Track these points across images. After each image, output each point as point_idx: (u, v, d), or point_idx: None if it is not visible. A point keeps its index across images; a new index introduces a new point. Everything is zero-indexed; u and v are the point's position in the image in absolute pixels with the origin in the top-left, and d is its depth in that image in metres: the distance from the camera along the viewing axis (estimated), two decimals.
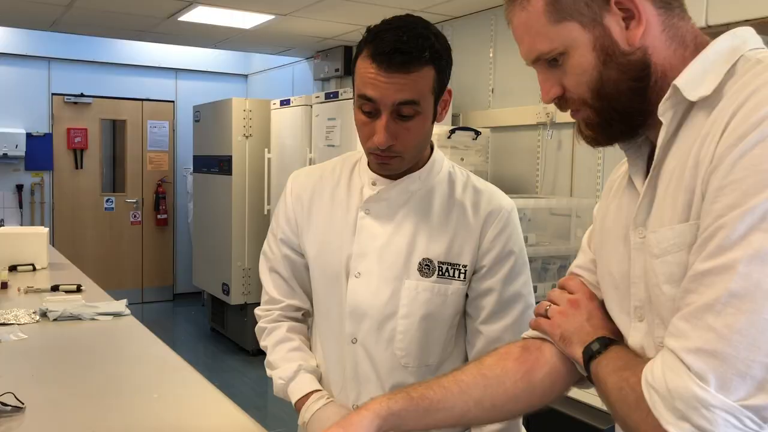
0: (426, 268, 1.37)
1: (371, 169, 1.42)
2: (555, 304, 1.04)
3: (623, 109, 0.88)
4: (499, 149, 4.03)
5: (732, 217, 0.72)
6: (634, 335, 0.92)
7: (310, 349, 1.50)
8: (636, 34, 0.85)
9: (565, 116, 3.91)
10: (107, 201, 7.15)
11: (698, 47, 0.87)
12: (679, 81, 0.83)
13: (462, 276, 1.38)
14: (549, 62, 0.90)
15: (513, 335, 1.38)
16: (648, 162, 0.92)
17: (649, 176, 0.89)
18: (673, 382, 0.74)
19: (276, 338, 1.48)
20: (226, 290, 5.54)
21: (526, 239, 3.22)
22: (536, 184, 3.75)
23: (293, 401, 1.39)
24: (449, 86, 1.36)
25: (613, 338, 0.95)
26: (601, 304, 1.01)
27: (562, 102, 0.93)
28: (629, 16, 0.85)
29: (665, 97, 0.84)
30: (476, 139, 3.79)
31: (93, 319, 2.32)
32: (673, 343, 0.76)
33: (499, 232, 1.38)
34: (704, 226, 0.76)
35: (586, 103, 0.89)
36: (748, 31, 0.87)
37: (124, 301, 2.50)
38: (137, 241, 7.30)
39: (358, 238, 1.40)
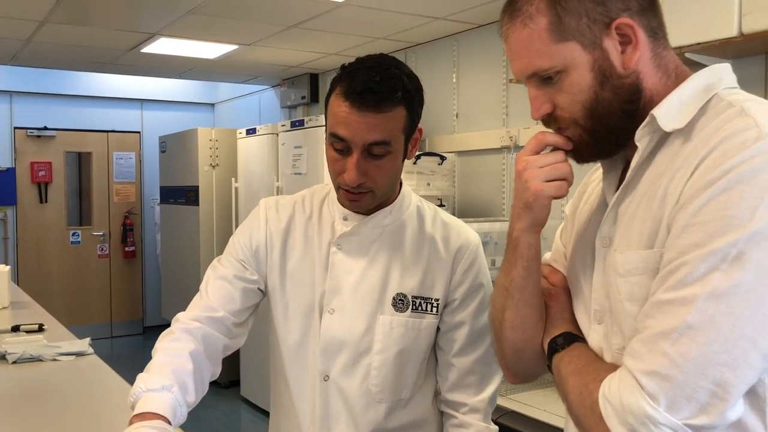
0: (400, 303, 1.37)
1: (342, 204, 1.41)
2: None
3: (613, 128, 0.93)
4: (465, 173, 4.06)
5: (695, 255, 0.79)
6: (593, 336, 0.99)
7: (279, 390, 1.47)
8: (632, 59, 0.90)
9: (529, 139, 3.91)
10: (73, 234, 7.04)
11: (678, 77, 0.93)
12: (657, 111, 0.90)
13: (435, 310, 1.38)
14: (543, 79, 0.94)
15: (483, 366, 1.42)
16: (621, 177, 0.98)
17: (616, 194, 0.95)
18: (627, 399, 0.81)
19: (173, 350, 1.31)
20: None
21: (493, 262, 3.23)
22: (502, 207, 3.78)
23: (137, 410, 1.20)
24: (420, 124, 1.36)
25: (578, 335, 1.01)
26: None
27: (551, 119, 0.97)
28: (626, 41, 0.90)
29: (643, 123, 0.91)
30: (442, 164, 3.82)
31: (54, 359, 2.26)
32: (630, 363, 0.83)
33: (469, 266, 1.40)
34: (668, 259, 0.82)
35: (577, 123, 0.94)
36: (725, 69, 0.93)
37: (87, 340, 2.44)
38: (105, 274, 7.18)
39: (331, 273, 1.38)
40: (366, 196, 1.32)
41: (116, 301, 7.24)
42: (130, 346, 7.02)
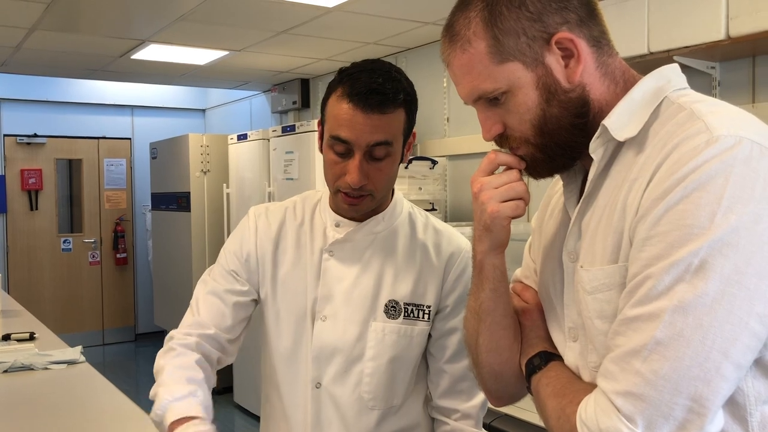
0: (392, 309, 1.36)
1: (336, 211, 1.40)
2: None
3: (565, 143, 0.91)
4: (456, 177, 4.07)
5: (659, 268, 0.77)
6: (569, 354, 0.96)
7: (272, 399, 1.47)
8: (576, 72, 0.89)
9: None
10: (64, 242, 7.00)
11: (627, 83, 0.92)
12: (608, 121, 0.88)
13: (426, 317, 1.38)
14: (490, 101, 0.92)
15: None
16: (581, 189, 0.96)
17: (578, 207, 0.93)
18: (604, 423, 0.79)
19: (180, 363, 1.33)
20: None
21: None
22: None
23: (171, 419, 1.22)
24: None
25: (554, 353, 0.99)
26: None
27: (503, 139, 0.95)
28: (568, 55, 0.89)
29: (596, 135, 0.89)
30: (433, 168, 3.82)
31: (46, 368, 2.25)
32: (605, 384, 0.81)
33: (460, 273, 1.40)
34: (633, 273, 0.81)
35: (528, 141, 0.92)
36: (674, 71, 0.92)
37: (78, 348, 2.43)
38: (96, 281, 7.15)
39: (323, 280, 1.38)
40: (365, 199, 1.32)
41: (108, 309, 7.20)
42: (122, 353, 6.99)
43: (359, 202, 1.32)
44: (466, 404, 1.40)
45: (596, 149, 0.89)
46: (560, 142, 0.91)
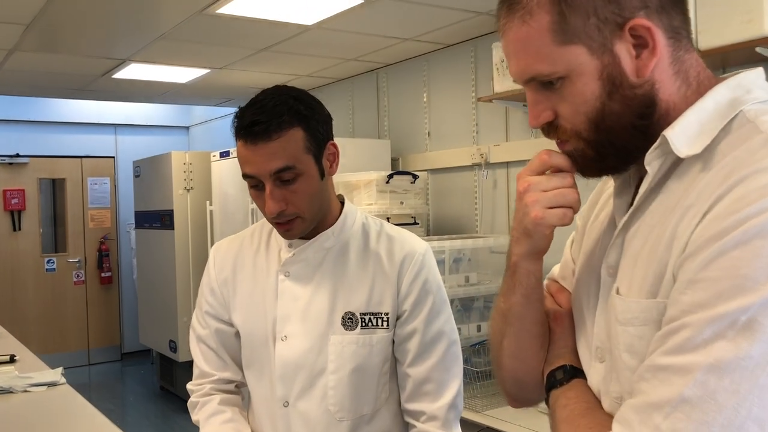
0: (349, 321, 1.40)
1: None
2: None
3: (620, 144, 0.82)
4: (438, 191, 4.10)
5: (699, 318, 0.68)
6: (593, 376, 0.89)
7: (247, 417, 1.51)
8: (648, 66, 0.78)
9: (499, 156, 3.97)
10: (48, 262, 6.96)
11: (700, 86, 0.81)
12: (670, 132, 0.78)
13: (385, 324, 1.41)
14: (543, 84, 0.83)
15: (440, 373, 1.43)
16: (633, 197, 0.87)
17: (625, 219, 0.85)
18: None
19: (208, 412, 1.47)
20: (173, 347, 5.42)
21: (467, 279, 3.26)
22: (476, 223, 3.82)
23: None
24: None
25: (579, 367, 0.92)
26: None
27: (551, 129, 0.86)
28: (641, 45, 0.78)
29: (654, 145, 0.79)
30: (414, 182, 3.85)
31: (26, 391, 2.24)
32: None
33: (415, 276, 1.42)
34: (670, 316, 0.72)
35: (580, 135, 0.83)
36: (755, 77, 0.80)
37: (59, 370, 2.43)
38: (81, 301, 7.10)
39: (280, 301, 1.42)
40: (295, 222, 1.35)
41: (93, 328, 7.15)
42: (108, 373, 6.93)
43: (290, 226, 1.36)
44: (432, 406, 1.42)
45: (652, 161, 0.79)
46: (615, 142, 0.81)
